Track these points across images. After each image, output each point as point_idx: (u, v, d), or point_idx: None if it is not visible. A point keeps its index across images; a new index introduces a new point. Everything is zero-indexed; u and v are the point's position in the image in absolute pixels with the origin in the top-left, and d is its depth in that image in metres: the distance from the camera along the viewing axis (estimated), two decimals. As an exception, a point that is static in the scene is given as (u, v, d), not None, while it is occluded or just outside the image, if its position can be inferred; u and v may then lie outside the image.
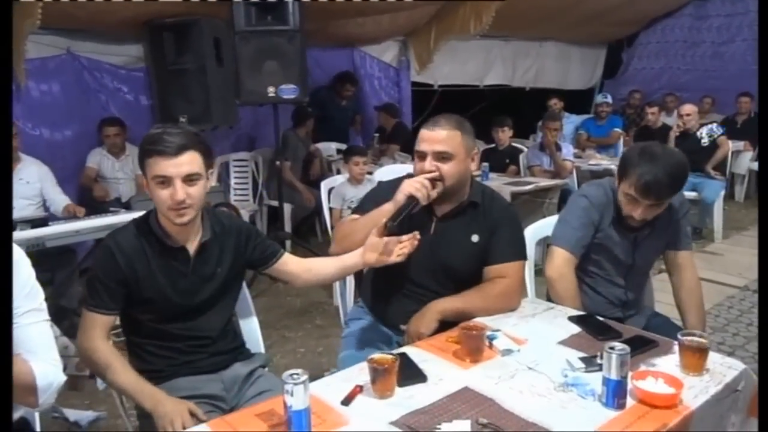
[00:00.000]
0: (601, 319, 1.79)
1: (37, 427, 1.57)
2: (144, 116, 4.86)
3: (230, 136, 5.38)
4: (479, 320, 1.73)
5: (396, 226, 1.68)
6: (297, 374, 1.19)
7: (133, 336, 1.71)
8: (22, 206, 3.63)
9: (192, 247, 1.67)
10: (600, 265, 2.07)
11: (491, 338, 1.61)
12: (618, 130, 6.50)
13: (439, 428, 1.22)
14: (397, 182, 1.97)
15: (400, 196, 1.74)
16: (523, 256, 1.91)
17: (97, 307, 1.59)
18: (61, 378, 1.34)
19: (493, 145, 5.31)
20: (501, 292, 1.83)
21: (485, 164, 4.68)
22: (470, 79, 7.10)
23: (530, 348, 1.60)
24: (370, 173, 4.26)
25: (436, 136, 1.79)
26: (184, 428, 1.43)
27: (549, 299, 2.00)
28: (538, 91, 7.61)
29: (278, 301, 4.10)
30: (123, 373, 1.57)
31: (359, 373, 1.45)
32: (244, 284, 1.92)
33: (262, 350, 1.97)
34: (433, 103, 6.79)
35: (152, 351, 1.68)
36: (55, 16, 3.73)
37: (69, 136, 4.53)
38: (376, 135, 5.94)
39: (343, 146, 5.52)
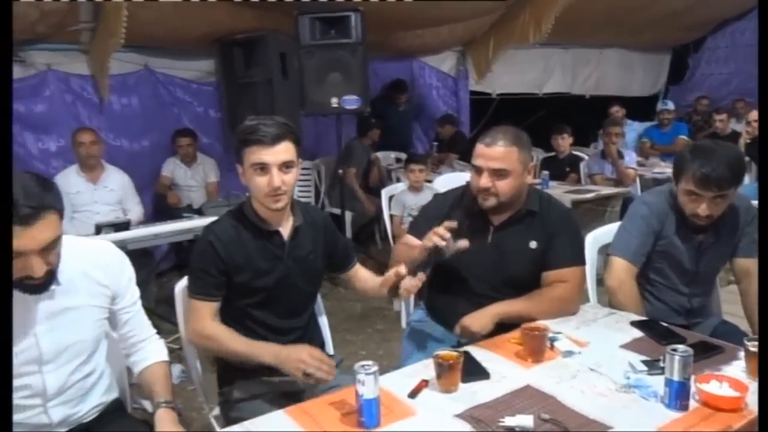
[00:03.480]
0: (664, 324, 1.80)
1: (128, 408, 1.72)
2: (213, 128, 5.13)
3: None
4: (541, 322, 1.77)
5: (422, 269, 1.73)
6: (368, 365, 1.28)
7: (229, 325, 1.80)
8: (106, 211, 3.91)
9: (286, 231, 1.78)
10: (663, 273, 2.06)
11: (553, 340, 1.65)
12: (684, 137, 6.32)
13: (503, 422, 1.28)
14: (451, 194, 2.05)
15: (427, 245, 1.77)
16: (581, 261, 1.93)
17: (202, 295, 1.71)
18: None
19: (552, 153, 5.29)
20: (559, 296, 1.87)
21: (545, 172, 4.67)
22: (529, 88, 7.07)
23: (592, 350, 1.63)
24: (429, 181, 4.34)
25: (493, 153, 1.84)
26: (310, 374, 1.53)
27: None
28: (599, 98, 7.48)
29: (340, 305, 4.22)
30: (235, 339, 1.68)
31: (424, 369, 1.52)
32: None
33: (331, 351, 2.07)
34: (491, 111, 6.81)
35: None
36: (135, 35, 4.01)
37: (146, 146, 4.83)
38: (435, 144, 6.02)
39: (403, 155, 5.62)
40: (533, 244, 1.91)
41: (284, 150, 1.65)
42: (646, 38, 7.51)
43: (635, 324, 1.79)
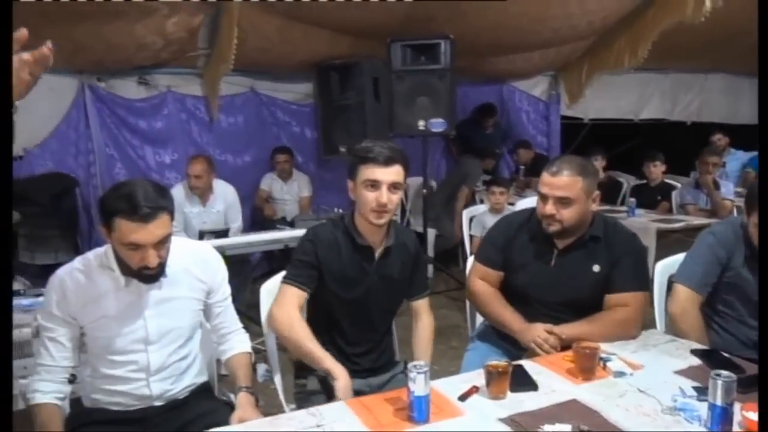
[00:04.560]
0: (726, 355, 1.79)
1: (216, 392, 1.96)
2: (309, 147, 5.48)
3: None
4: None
5: None
6: (420, 365, 1.42)
7: (317, 317, 1.96)
8: (211, 228, 4.27)
9: (378, 248, 1.93)
10: (731, 305, 2.04)
11: (605, 360, 1.70)
12: (751, 170, 5.91)
13: (542, 428, 1.37)
14: (517, 217, 2.16)
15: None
16: (644, 287, 1.96)
17: (293, 279, 1.87)
18: None
19: (644, 181, 5.17)
20: (620, 320, 1.91)
21: (632, 200, 4.59)
22: (624, 113, 6.91)
23: (645, 374, 1.67)
24: (512, 204, 4.40)
25: (557, 182, 1.92)
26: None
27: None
28: (702, 125, 7.17)
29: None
30: (309, 339, 1.80)
31: (477, 377, 1.64)
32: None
33: (398, 358, 2.21)
34: (583, 136, 6.72)
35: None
36: (243, 60, 4.42)
37: (248, 161, 5.26)
38: (522, 167, 6.05)
39: (487, 177, 5.70)
40: (596, 268, 1.97)
41: (395, 172, 1.81)
42: (755, 63, 7.11)
43: (695, 352, 1.80)
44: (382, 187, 1.80)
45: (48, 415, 1.58)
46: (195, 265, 1.78)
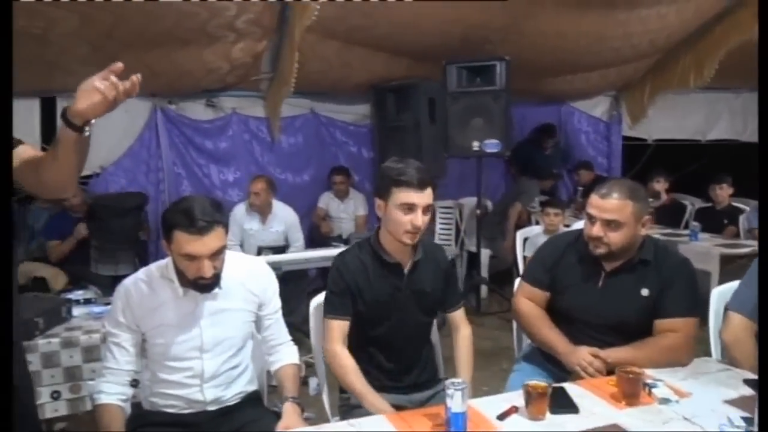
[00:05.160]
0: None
1: (265, 401, 2.04)
2: (365, 166, 5.60)
3: (439, 185, 5.84)
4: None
5: None
6: (458, 382, 1.45)
7: (353, 351, 2.00)
8: (270, 246, 4.44)
9: (406, 264, 1.98)
10: (790, 333, 1.95)
11: (651, 386, 1.67)
12: None
13: (579, 451, 1.37)
14: (564, 238, 2.16)
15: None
16: (695, 313, 1.91)
17: (332, 312, 1.95)
18: None
19: (710, 204, 4.98)
20: (669, 346, 1.87)
21: (696, 224, 4.43)
22: (690, 134, 6.67)
23: (692, 402, 1.63)
24: (567, 226, 4.34)
25: (606, 205, 1.91)
26: None
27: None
28: (776, 146, 6.81)
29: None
30: (356, 378, 1.87)
31: (518, 397, 1.64)
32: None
33: (441, 375, 2.23)
34: (646, 157, 6.54)
35: (364, 369, 1.95)
36: (304, 82, 4.59)
37: (306, 180, 5.42)
38: (581, 189, 5.95)
39: (543, 198, 5.64)
40: (645, 292, 1.94)
41: (429, 195, 1.87)
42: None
43: (748, 382, 1.74)
44: (418, 210, 1.84)
45: (111, 415, 1.70)
46: (248, 279, 1.88)
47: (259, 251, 4.06)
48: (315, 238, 5.13)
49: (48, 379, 2.41)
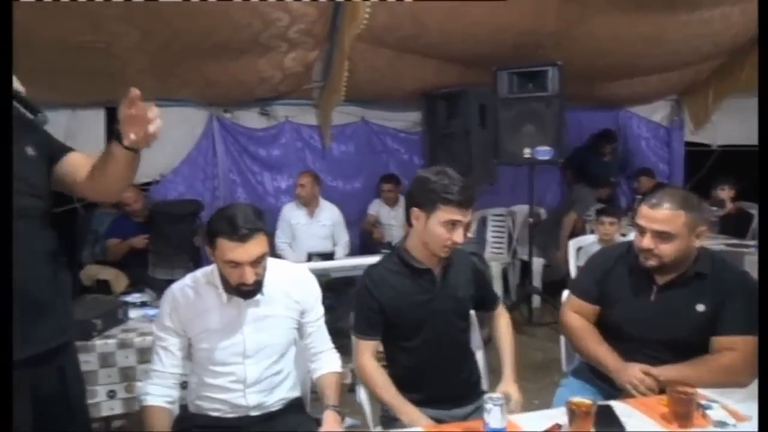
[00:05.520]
0: None
1: (308, 408, 2.05)
2: (416, 173, 5.57)
3: (489, 192, 5.77)
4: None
5: None
6: (496, 397, 1.41)
7: (391, 365, 2.04)
8: (318, 242, 4.54)
9: (436, 269, 1.97)
10: None
11: (705, 407, 1.59)
12: None
13: (624, 473, 1.30)
14: (615, 249, 2.09)
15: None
16: (756, 330, 1.80)
17: (361, 334, 1.97)
18: None
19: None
20: (727, 365, 1.77)
21: (764, 234, 4.18)
22: (757, 139, 6.32)
23: (751, 426, 1.53)
24: (624, 235, 4.19)
25: (657, 216, 1.84)
26: None
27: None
28: None
29: (521, 351, 4.22)
30: (385, 389, 1.88)
31: (562, 414, 1.59)
32: (475, 319, 2.20)
33: (485, 387, 2.19)
34: (710, 164, 6.25)
35: (404, 383, 1.94)
36: (355, 91, 4.64)
37: (357, 187, 5.47)
38: (639, 197, 5.73)
39: (599, 205, 5.48)
40: (700, 308, 1.85)
41: (470, 213, 1.87)
42: None
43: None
44: (460, 228, 1.84)
45: (157, 416, 1.75)
46: (291, 286, 1.91)
47: (309, 257, 4.11)
48: (366, 244, 5.16)
49: (104, 379, 2.51)
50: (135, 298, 3.04)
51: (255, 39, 4.00)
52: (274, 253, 4.65)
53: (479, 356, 2.24)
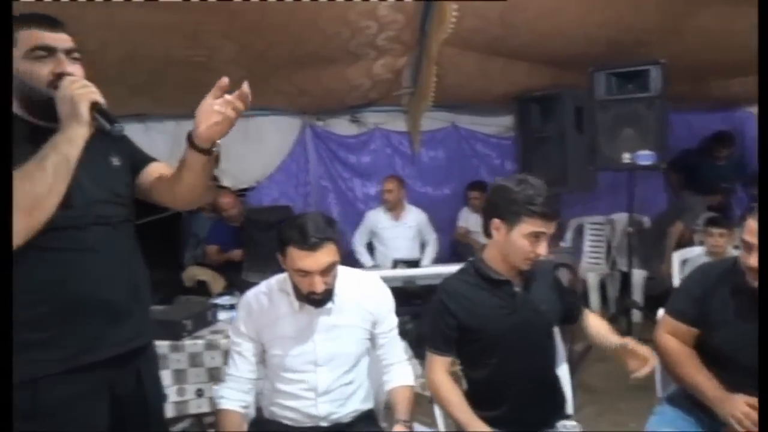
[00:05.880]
0: None
1: (381, 420, 2.02)
2: (494, 182, 5.42)
3: (587, 199, 5.49)
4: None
5: None
6: (571, 425, 1.31)
7: (466, 380, 1.98)
8: (404, 247, 4.54)
9: (516, 281, 1.88)
10: None
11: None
12: None
13: None
14: (716, 267, 1.92)
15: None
16: None
17: (434, 349, 1.91)
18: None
19: None
20: None
21: None
22: None
23: None
24: (737, 247, 3.81)
25: None
26: None
27: None
28: None
29: (619, 370, 3.94)
30: (458, 407, 1.82)
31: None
32: (558, 335, 2.08)
33: (570, 410, 2.04)
34: None
35: (480, 401, 1.87)
36: (444, 95, 4.58)
37: (447, 194, 5.40)
38: (752, 206, 5.21)
39: (709, 214, 5.04)
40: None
41: (555, 224, 1.79)
42: None
43: None
44: (544, 240, 1.76)
45: (230, 420, 1.80)
46: (363, 296, 1.89)
47: (395, 264, 4.10)
48: (460, 252, 5.07)
49: (193, 378, 2.62)
50: (224, 300, 3.15)
51: (344, 47, 4.06)
52: (353, 258, 4.71)
53: (565, 375, 2.11)
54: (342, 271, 1.86)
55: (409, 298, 3.79)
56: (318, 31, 3.79)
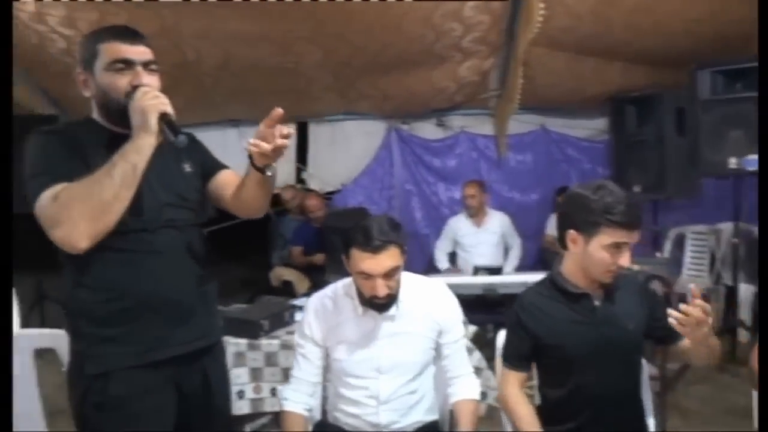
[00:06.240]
0: None
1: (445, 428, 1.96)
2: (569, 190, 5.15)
3: (689, 207, 5.11)
4: None
5: None
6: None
7: (540, 396, 1.87)
8: (487, 253, 4.43)
9: (596, 294, 1.75)
10: None
11: None
12: None
13: None
14: None
15: None
16: None
17: (509, 363, 1.81)
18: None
19: None
20: None
21: None
22: None
23: None
24: None
25: None
26: None
27: None
28: None
29: (720, 394, 3.64)
30: (530, 425, 1.72)
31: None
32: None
33: (652, 428, 1.89)
34: None
35: (554, 419, 1.77)
36: (532, 97, 4.44)
37: (534, 199, 5.23)
38: None
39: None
40: None
41: (638, 233, 1.66)
42: None
43: None
44: (626, 250, 1.63)
45: (293, 421, 1.81)
46: (429, 304, 1.84)
47: (475, 271, 4.00)
48: (547, 261, 4.89)
49: (269, 377, 2.68)
50: (302, 301, 3.21)
51: (429, 50, 4.04)
52: (431, 265, 4.65)
53: (648, 395, 1.95)
54: (408, 277, 1.83)
55: (491, 307, 3.69)
56: (402, 34, 3.80)
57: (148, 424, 1.45)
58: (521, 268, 4.56)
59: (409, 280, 1.83)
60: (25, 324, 3.03)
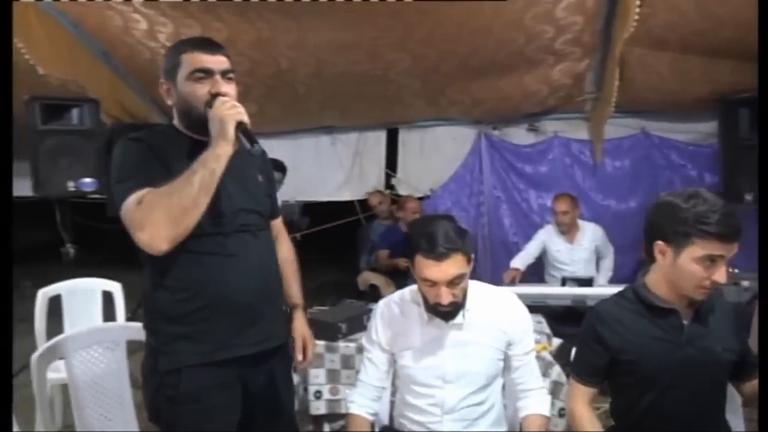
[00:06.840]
0: None
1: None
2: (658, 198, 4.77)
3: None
4: None
5: None
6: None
7: (613, 414, 1.77)
8: (580, 270, 4.22)
9: (685, 312, 1.63)
10: None
11: None
12: None
13: None
14: None
15: None
16: None
17: (578, 376, 1.73)
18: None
19: None
20: None
21: None
22: None
23: None
24: None
25: None
26: None
27: None
28: None
29: None
30: None
31: None
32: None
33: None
34: None
35: None
36: (632, 100, 4.20)
37: (632, 207, 4.90)
38: None
39: None
40: None
41: (735, 246, 1.52)
42: None
43: None
44: (722, 264, 1.51)
45: (357, 424, 1.83)
46: (499, 315, 1.80)
47: (563, 282, 3.84)
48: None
49: (345, 379, 2.73)
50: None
51: (519, 54, 3.94)
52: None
53: (741, 425, 1.79)
54: (476, 286, 1.79)
55: (580, 319, 3.53)
56: (492, 38, 3.73)
57: (216, 419, 1.52)
58: (617, 280, 4.31)
59: (477, 289, 1.80)
60: (131, 319, 3.27)
